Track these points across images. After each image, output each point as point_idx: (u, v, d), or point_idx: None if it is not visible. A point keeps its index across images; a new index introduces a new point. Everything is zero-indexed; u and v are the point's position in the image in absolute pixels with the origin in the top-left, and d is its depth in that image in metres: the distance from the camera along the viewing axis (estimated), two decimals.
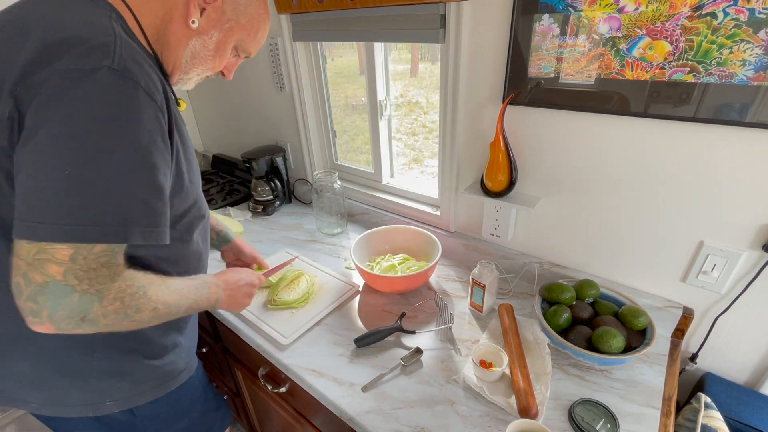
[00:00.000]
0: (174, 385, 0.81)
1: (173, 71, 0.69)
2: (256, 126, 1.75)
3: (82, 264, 0.51)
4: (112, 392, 0.73)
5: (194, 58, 0.69)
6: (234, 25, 0.69)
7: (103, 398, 0.72)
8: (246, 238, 1.42)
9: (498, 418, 0.75)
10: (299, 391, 0.94)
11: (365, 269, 1.05)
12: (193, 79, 0.74)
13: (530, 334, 0.92)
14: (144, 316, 0.60)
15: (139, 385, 0.75)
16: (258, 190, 1.56)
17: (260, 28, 0.74)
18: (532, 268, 1.10)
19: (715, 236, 0.83)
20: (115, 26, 0.55)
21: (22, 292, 0.51)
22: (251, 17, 0.71)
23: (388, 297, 1.09)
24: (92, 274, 0.52)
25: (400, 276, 1.04)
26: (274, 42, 1.39)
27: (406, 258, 1.17)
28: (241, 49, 0.74)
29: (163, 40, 0.64)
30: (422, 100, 1.50)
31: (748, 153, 0.74)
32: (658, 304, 0.94)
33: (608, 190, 0.92)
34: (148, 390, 0.77)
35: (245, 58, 0.78)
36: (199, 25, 0.65)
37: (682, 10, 0.69)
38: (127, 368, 0.74)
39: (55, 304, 0.51)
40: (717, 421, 0.79)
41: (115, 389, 0.73)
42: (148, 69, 0.56)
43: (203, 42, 0.68)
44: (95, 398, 0.72)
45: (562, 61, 0.84)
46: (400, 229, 1.22)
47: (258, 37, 0.75)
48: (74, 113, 0.50)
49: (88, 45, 0.51)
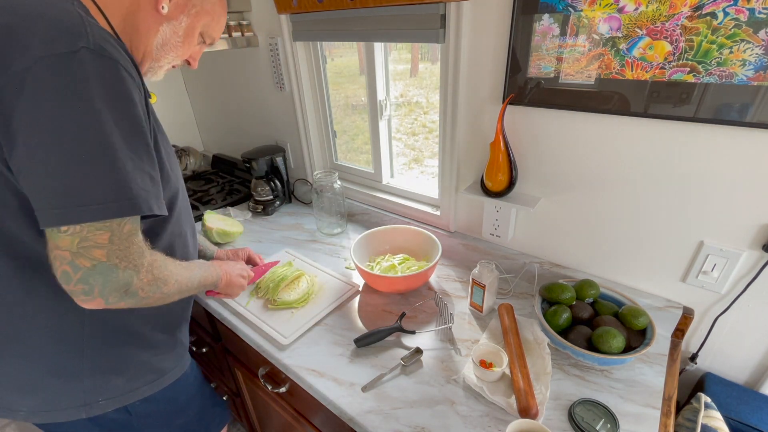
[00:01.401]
0: (168, 381, 0.81)
1: (143, 59, 0.69)
2: (256, 126, 1.75)
3: (118, 244, 0.57)
4: (105, 390, 0.73)
5: (165, 45, 0.70)
6: (200, 10, 0.71)
7: (96, 397, 0.72)
8: (246, 238, 1.42)
9: (498, 418, 0.75)
10: (299, 391, 0.94)
11: (365, 269, 1.05)
12: (163, 68, 0.74)
13: (530, 334, 0.92)
14: (170, 288, 0.66)
15: (132, 381, 0.75)
16: (258, 190, 1.56)
17: (222, 13, 0.77)
18: (532, 268, 1.10)
19: (715, 236, 0.83)
20: (78, 11, 0.55)
21: (71, 278, 0.55)
22: (213, 2, 0.73)
23: (388, 297, 1.09)
24: (127, 252, 0.58)
25: (400, 276, 1.04)
26: (274, 42, 1.39)
27: (406, 258, 1.16)
28: (207, 35, 0.76)
29: (131, 28, 0.65)
30: (422, 100, 1.50)
31: (748, 153, 0.74)
32: (658, 304, 0.94)
33: (608, 190, 0.92)
34: (143, 386, 0.77)
35: (209, 44, 0.79)
36: (168, 10, 0.67)
37: (682, 10, 0.69)
38: (120, 364, 0.74)
39: (105, 281, 0.56)
40: (717, 421, 0.79)
41: (108, 387, 0.73)
42: (121, 50, 0.57)
43: (173, 28, 0.69)
44: (88, 398, 0.71)
45: (562, 61, 0.84)
46: (399, 229, 1.22)
47: (221, 23, 0.77)
48: (67, 100, 0.51)
49: (57, 27, 0.52)
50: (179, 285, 0.68)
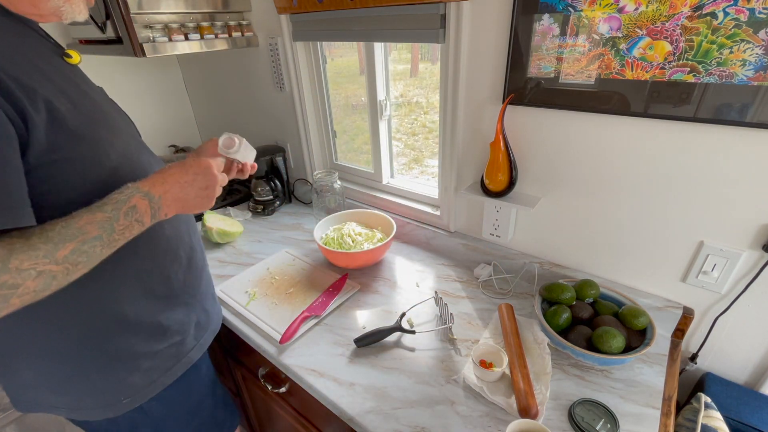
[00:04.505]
0: (182, 369, 0.81)
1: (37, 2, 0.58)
2: (256, 126, 1.75)
3: None
4: (125, 388, 0.74)
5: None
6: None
7: (118, 396, 0.74)
8: (246, 238, 1.42)
9: (498, 418, 0.75)
10: (299, 391, 0.94)
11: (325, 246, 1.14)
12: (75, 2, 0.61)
13: (530, 334, 0.92)
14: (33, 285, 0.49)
15: (150, 373, 0.76)
16: (258, 190, 1.56)
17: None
18: (532, 268, 1.10)
19: (715, 236, 0.83)
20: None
21: None
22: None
23: (387, 297, 1.09)
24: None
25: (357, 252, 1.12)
26: (274, 42, 1.39)
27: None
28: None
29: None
30: (422, 100, 1.50)
31: (748, 153, 0.74)
32: (658, 304, 0.94)
33: (608, 190, 0.92)
34: (159, 377, 0.77)
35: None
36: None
37: (682, 10, 0.69)
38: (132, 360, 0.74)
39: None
40: (717, 421, 0.79)
41: (132, 380, 0.74)
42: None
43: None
44: (109, 398, 0.73)
45: (562, 61, 0.84)
46: (358, 213, 1.32)
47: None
48: None
49: None
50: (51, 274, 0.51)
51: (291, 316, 1.02)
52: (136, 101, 1.81)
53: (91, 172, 0.60)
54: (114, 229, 0.57)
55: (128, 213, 0.58)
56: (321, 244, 1.15)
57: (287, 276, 1.18)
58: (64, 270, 0.52)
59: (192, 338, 0.84)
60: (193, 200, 0.66)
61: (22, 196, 0.50)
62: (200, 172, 0.66)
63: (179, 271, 0.78)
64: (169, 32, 1.22)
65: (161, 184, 0.62)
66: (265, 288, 1.13)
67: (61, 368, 0.69)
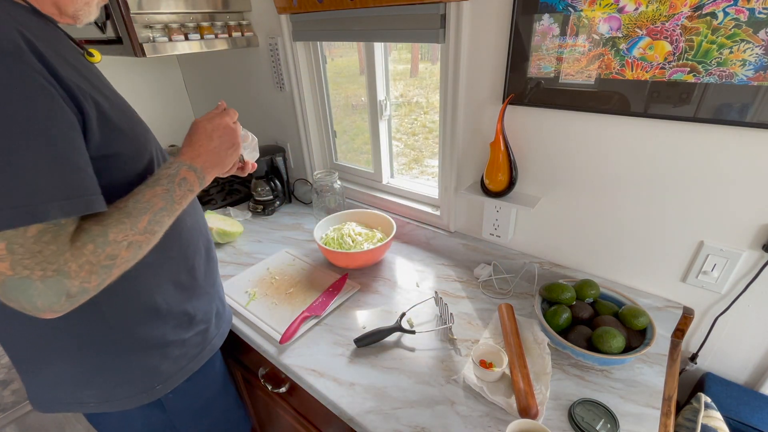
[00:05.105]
0: (207, 356, 0.84)
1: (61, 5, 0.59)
2: (255, 126, 1.75)
3: (23, 252, 0.47)
4: (158, 375, 0.76)
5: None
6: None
7: (153, 383, 0.75)
8: (246, 238, 1.42)
9: (498, 418, 0.75)
10: (299, 391, 0.94)
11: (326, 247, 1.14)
12: (91, 4, 0.63)
13: (530, 334, 0.92)
14: (127, 255, 0.56)
15: (179, 360, 0.78)
16: (258, 190, 1.56)
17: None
18: (532, 268, 1.10)
19: (715, 236, 0.83)
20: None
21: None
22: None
23: (387, 297, 1.09)
24: (39, 258, 0.48)
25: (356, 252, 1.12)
26: (274, 42, 1.39)
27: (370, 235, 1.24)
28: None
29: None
30: (422, 100, 1.49)
31: (748, 153, 0.74)
32: (658, 304, 0.94)
33: (608, 190, 0.92)
34: (187, 363, 0.80)
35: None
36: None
37: (682, 10, 0.69)
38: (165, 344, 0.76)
39: (27, 296, 0.48)
40: (717, 421, 0.79)
41: (164, 367, 0.76)
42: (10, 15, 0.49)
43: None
44: (143, 386, 0.75)
45: (562, 61, 0.84)
46: (358, 213, 1.32)
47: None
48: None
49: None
50: (137, 243, 0.57)
51: (291, 316, 1.02)
52: (136, 101, 1.79)
53: (132, 167, 0.64)
54: (174, 200, 0.62)
55: (181, 184, 0.64)
56: (321, 244, 1.15)
57: (287, 276, 1.18)
58: (146, 240, 0.58)
59: (214, 327, 0.87)
60: (224, 161, 0.72)
61: (94, 184, 0.54)
62: (222, 134, 0.71)
63: (200, 261, 0.81)
64: (169, 32, 1.22)
65: (198, 156, 0.68)
66: (265, 288, 1.13)
67: (89, 360, 0.70)
